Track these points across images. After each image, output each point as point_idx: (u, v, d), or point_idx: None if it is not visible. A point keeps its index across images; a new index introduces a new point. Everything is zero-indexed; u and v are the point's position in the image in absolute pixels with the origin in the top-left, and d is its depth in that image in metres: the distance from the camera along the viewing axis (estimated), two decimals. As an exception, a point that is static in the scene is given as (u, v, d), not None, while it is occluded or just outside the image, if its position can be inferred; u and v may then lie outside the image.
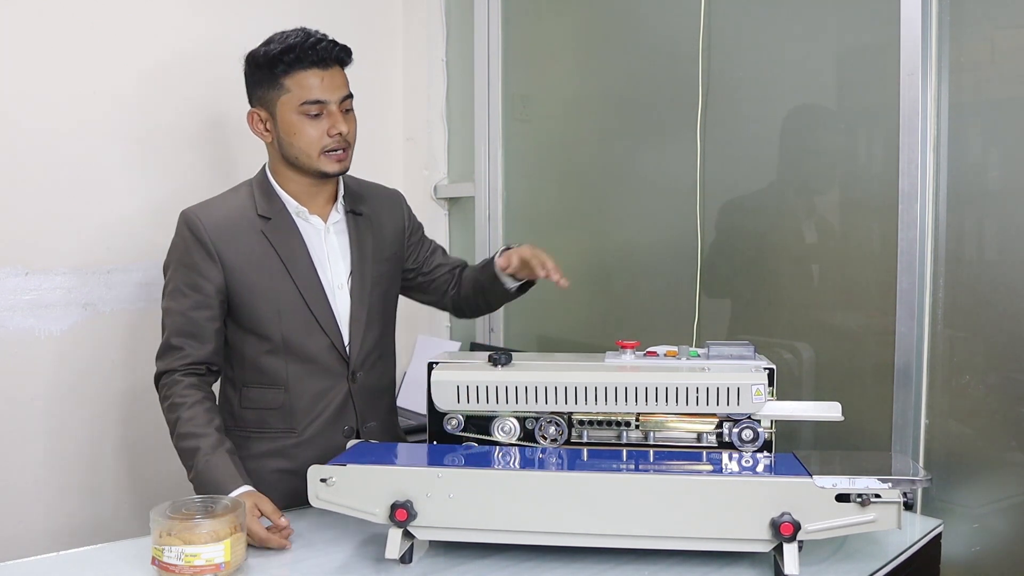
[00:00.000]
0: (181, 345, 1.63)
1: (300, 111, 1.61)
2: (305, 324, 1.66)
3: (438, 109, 2.73)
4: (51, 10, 2.09)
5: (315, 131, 1.62)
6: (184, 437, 1.56)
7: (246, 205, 1.68)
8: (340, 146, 1.64)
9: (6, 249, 2.06)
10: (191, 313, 1.63)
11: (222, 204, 1.69)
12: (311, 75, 1.60)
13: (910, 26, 1.67)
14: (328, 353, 1.68)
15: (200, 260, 1.63)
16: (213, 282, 1.63)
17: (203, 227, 1.64)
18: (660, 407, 1.45)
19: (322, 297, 1.67)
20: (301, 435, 1.67)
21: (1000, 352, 1.63)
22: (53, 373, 2.15)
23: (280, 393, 1.67)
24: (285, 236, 1.66)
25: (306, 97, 1.60)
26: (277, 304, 1.65)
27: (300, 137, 1.62)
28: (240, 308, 1.66)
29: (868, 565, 1.37)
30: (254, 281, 1.64)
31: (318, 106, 1.61)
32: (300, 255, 1.67)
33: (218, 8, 2.34)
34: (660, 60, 2.17)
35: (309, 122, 1.61)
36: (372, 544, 1.45)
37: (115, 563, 1.40)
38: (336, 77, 1.64)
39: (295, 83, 1.61)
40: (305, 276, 1.66)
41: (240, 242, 1.64)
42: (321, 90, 1.61)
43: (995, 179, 1.65)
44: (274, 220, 1.67)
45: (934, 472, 1.69)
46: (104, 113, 2.17)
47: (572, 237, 2.41)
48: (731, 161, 2.01)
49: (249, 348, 1.68)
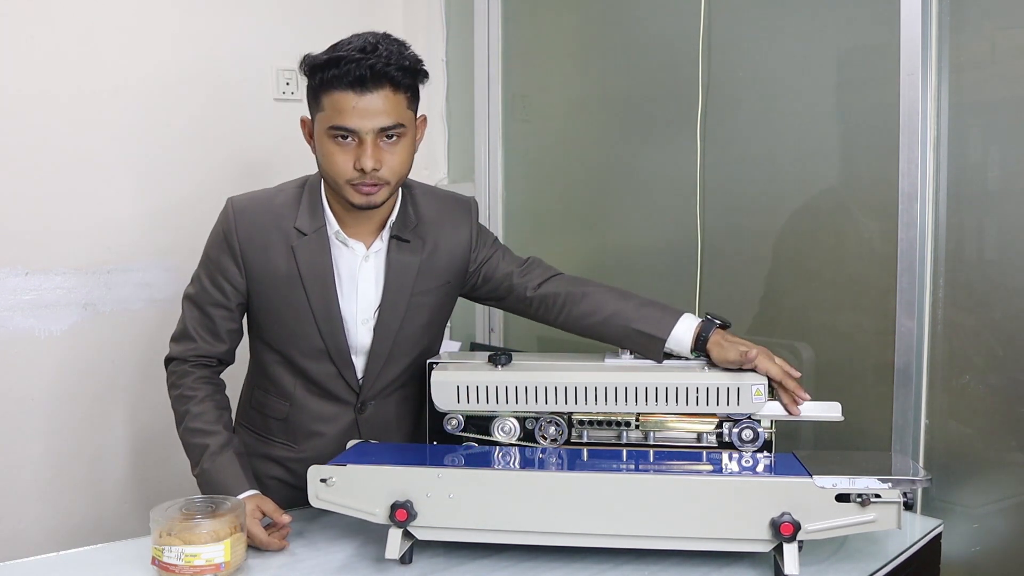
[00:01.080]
0: (196, 336, 1.59)
1: (329, 134, 1.43)
2: (315, 351, 1.58)
3: (438, 109, 2.73)
4: (50, 10, 2.09)
5: (343, 159, 1.43)
6: (192, 432, 1.54)
7: (288, 212, 1.54)
8: (368, 181, 1.44)
9: (6, 249, 2.06)
10: (210, 309, 1.58)
11: (266, 205, 1.55)
12: (345, 97, 1.39)
13: (910, 26, 1.66)
14: (335, 380, 1.61)
15: (227, 264, 1.55)
16: (235, 286, 1.56)
17: (235, 230, 1.53)
18: (660, 407, 1.45)
19: (339, 329, 1.56)
20: (300, 452, 1.65)
21: (1000, 352, 1.63)
22: (53, 373, 2.15)
23: (285, 406, 1.64)
24: (315, 259, 1.53)
25: (334, 121, 1.41)
26: (292, 327, 1.57)
27: (328, 162, 1.45)
28: (256, 317, 1.62)
29: (868, 565, 1.37)
30: (272, 299, 1.56)
31: (346, 132, 1.42)
32: (324, 282, 1.54)
33: (218, 8, 2.34)
34: (660, 60, 2.17)
35: (338, 148, 1.43)
36: (372, 544, 1.45)
37: (115, 563, 1.39)
38: (376, 102, 1.40)
39: (330, 103, 1.42)
40: (323, 305, 1.54)
41: (269, 256, 1.54)
42: (352, 116, 1.40)
43: (995, 179, 1.64)
44: (310, 238, 1.53)
45: (934, 472, 1.69)
46: (104, 113, 2.17)
47: (572, 237, 2.41)
48: (731, 161, 2.01)
49: (261, 354, 1.65)
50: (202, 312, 1.59)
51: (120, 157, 2.20)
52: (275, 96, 2.43)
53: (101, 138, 2.17)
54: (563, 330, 1.65)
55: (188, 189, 2.29)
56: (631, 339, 1.55)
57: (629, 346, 1.57)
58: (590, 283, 1.63)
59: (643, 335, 1.54)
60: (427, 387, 1.51)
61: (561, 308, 1.62)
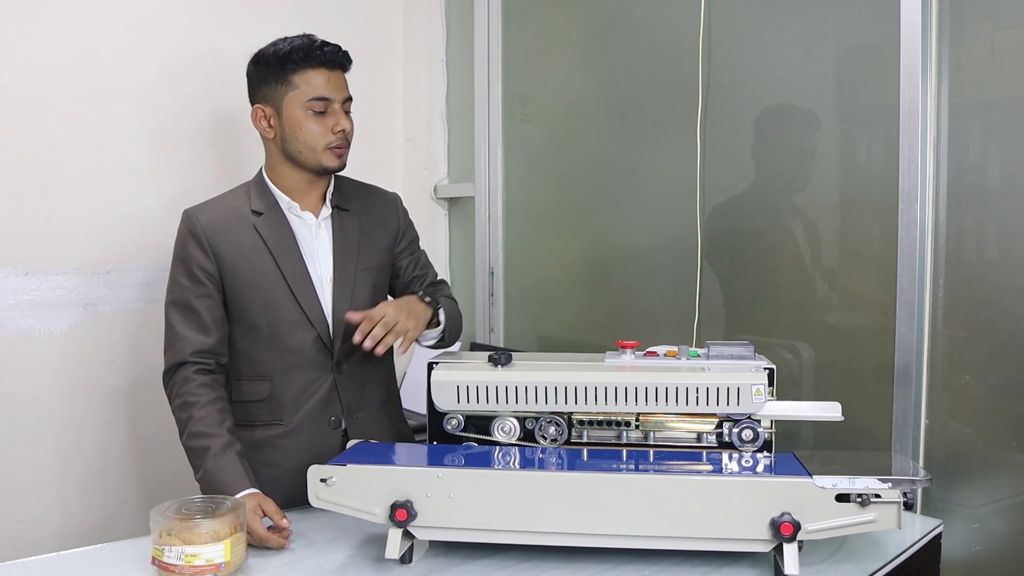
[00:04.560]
0: (185, 334, 1.65)
1: (307, 107, 1.69)
2: (293, 317, 1.70)
3: (438, 109, 2.73)
4: (50, 10, 2.09)
5: (319, 127, 1.70)
6: (195, 436, 1.57)
7: (241, 202, 1.74)
8: (341, 143, 1.72)
9: (6, 249, 2.06)
10: (192, 302, 1.67)
11: (219, 202, 1.76)
12: (319, 74, 1.69)
13: (910, 26, 1.67)
14: (313, 345, 1.71)
15: (196, 253, 1.69)
16: (210, 272, 1.69)
17: (198, 222, 1.70)
18: (660, 407, 1.45)
19: (310, 290, 1.71)
20: (287, 426, 1.69)
21: (1000, 352, 1.63)
22: (53, 373, 2.15)
23: (266, 385, 1.70)
24: (276, 230, 1.72)
25: (313, 94, 1.68)
26: (266, 296, 1.69)
27: (305, 132, 1.70)
28: (231, 300, 1.70)
29: (868, 565, 1.37)
30: (244, 273, 1.69)
31: (324, 103, 1.69)
32: (290, 249, 1.72)
33: (219, 8, 2.34)
34: (660, 60, 2.17)
35: (314, 118, 1.69)
36: (372, 544, 1.45)
37: (115, 563, 1.40)
38: (340, 79, 1.73)
39: (303, 80, 1.69)
40: (294, 270, 1.71)
41: (233, 236, 1.70)
42: (327, 88, 1.69)
43: (995, 179, 1.65)
44: (266, 215, 1.72)
45: (934, 472, 1.69)
46: (104, 113, 2.17)
47: (572, 237, 2.41)
48: (731, 161, 2.01)
49: (238, 339, 1.71)
50: (187, 309, 1.68)
51: (120, 157, 2.21)
52: (275, 96, 2.43)
53: (101, 138, 2.17)
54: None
55: (188, 189, 2.29)
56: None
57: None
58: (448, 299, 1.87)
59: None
60: (427, 387, 1.51)
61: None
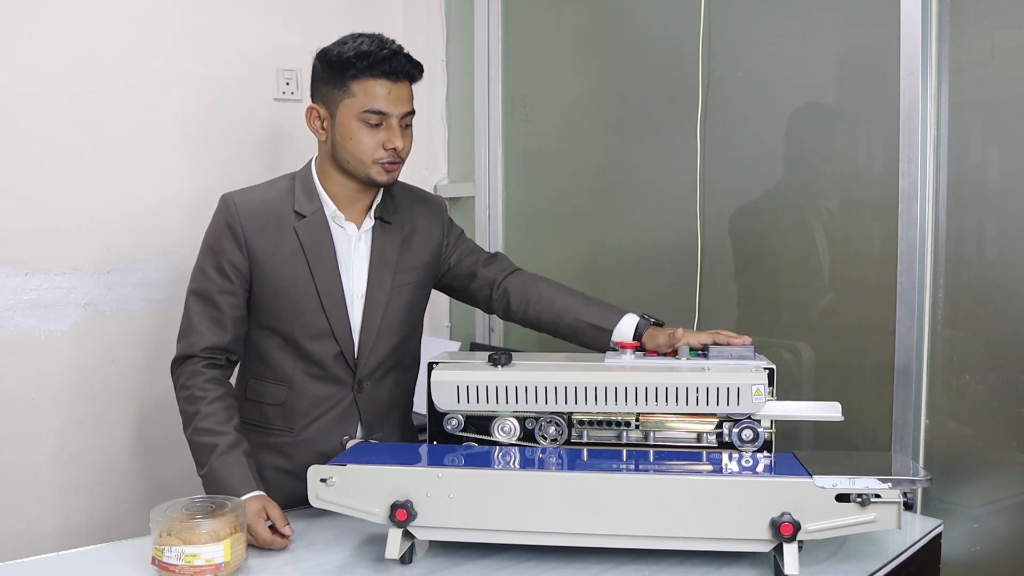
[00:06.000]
0: (202, 329, 1.62)
1: (361, 118, 1.59)
2: (319, 329, 1.64)
3: (438, 109, 2.73)
4: (50, 10, 2.09)
5: (371, 140, 1.60)
6: (201, 432, 1.55)
7: (285, 199, 1.66)
8: (394, 159, 1.62)
9: (6, 249, 2.06)
10: (215, 297, 1.62)
11: (261, 194, 1.67)
12: (380, 85, 1.58)
13: (910, 26, 1.67)
14: (335, 361, 1.66)
15: (229, 246, 1.62)
16: (240, 270, 1.62)
17: (237, 215, 1.62)
18: (660, 407, 1.45)
19: (341, 305, 1.65)
20: (297, 435, 1.67)
21: (1000, 352, 1.63)
22: (53, 373, 2.15)
23: (283, 390, 1.67)
24: (316, 238, 1.64)
25: (369, 105, 1.58)
26: (295, 304, 1.63)
27: (355, 143, 1.60)
28: (258, 300, 1.65)
29: (868, 565, 1.37)
30: (276, 277, 1.63)
31: (379, 116, 1.59)
32: (327, 259, 1.64)
33: (218, 9, 2.34)
34: (660, 60, 2.17)
35: (367, 130, 1.60)
36: (372, 544, 1.45)
37: (115, 563, 1.39)
38: (403, 91, 1.61)
39: (362, 89, 1.58)
40: (328, 281, 1.64)
41: (271, 235, 1.63)
42: (386, 102, 1.59)
43: (995, 179, 1.65)
44: (309, 219, 1.64)
45: (934, 472, 1.69)
46: (104, 113, 2.17)
47: (572, 237, 2.41)
48: (731, 161, 2.01)
49: (260, 340, 1.67)
50: (208, 303, 1.62)
51: (120, 157, 2.21)
52: (275, 96, 2.43)
53: (101, 138, 2.17)
54: (514, 323, 1.79)
55: (188, 189, 2.29)
56: (582, 331, 1.71)
57: (580, 338, 1.71)
58: (541, 279, 1.79)
59: (593, 327, 1.69)
60: (427, 387, 1.51)
61: (517, 302, 1.77)
